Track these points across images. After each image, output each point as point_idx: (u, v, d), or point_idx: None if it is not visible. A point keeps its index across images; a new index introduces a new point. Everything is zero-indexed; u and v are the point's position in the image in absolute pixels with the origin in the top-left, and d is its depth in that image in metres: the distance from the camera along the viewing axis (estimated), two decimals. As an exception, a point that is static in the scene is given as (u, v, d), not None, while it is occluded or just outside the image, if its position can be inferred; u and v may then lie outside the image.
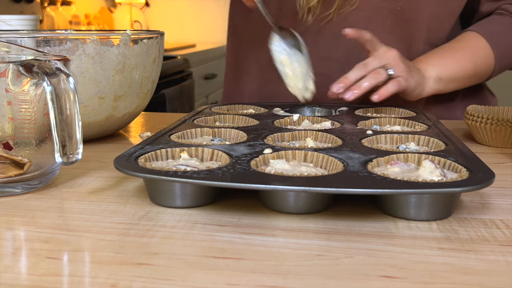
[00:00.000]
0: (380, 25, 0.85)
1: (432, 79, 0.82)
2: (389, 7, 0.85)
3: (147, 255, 0.37)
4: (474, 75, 0.86)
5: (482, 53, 0.85)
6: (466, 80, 0.86)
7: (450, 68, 0.83)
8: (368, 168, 0.45)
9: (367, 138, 0.57)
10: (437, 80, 0.82)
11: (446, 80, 0.83)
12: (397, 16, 0.85)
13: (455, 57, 0.84)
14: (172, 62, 2.10)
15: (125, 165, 0.45)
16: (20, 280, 0.34)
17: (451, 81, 0.84)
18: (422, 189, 0.40)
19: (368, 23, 0.85)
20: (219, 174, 0.43)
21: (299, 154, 0.50)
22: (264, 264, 0.36)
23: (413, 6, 0.85)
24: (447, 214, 0.44)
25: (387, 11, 0.85)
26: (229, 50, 1.05)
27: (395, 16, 0.85)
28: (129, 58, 0.66)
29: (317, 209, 0.45)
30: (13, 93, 0.48)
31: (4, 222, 0.43)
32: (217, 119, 0.68)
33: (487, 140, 0.69)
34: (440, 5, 0.86)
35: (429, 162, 0.46)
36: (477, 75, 0.87)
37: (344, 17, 0.85)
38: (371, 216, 0.44)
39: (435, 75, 0.82)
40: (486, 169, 0.45)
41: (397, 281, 0.34)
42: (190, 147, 0.52)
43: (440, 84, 0.83)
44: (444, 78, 0.82)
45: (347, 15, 0.85)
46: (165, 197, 0.46)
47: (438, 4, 0.86)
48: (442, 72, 0.82)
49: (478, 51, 0.85)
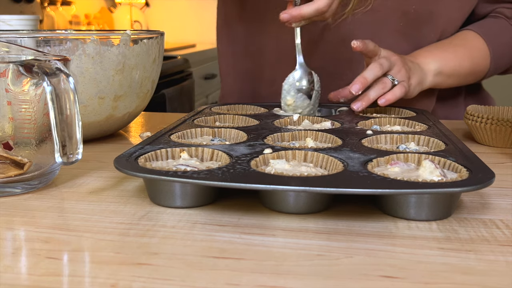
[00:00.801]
0: (392, 26, 0.85)
1: (432, 73, 0.82)
2: (403, 9, 0.85)
3: (147, 255, 0.37)
4: (471, 72, 0.86)
5: (479, 52, 0.85)
6: (463, 77, 0.86)
7: (450, 63, 0.83)
8: (368, 168, 0.46)
9: (367, 138, 0.57)
10: (437, 74, 0.82)
11: (445, 75, 0.83)
12: (410, 18, 0.85)
13: (455, 52, 0.84)
14: (172, 62, 2.10)
15: (125, 165, 0.45)
16: (20, 280, 0.34)
17: (450, 76, 0.84)
18: (422, 189, 0.40)
19: (382, 25, 0.85)
20: (219, 174, 0.43)
21: (299, 154, 0.50)
22: (264, 264, 0.36)
23: (428, 9, 0.85)
24: (447, 214, 0.44)
25: (400, 13, 0.85)
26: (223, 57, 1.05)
27: (407, 18, 0.85)
28: (129, 58, 0.66)
29: (317, 209, 0.45)
30: (13, 93, 0.48)
31: (4, 222, 0.43)
32: (217, 119, 0.68)
33: (487, 140, 0.69)
34: (457, 9, 0.86)
35: (429, 162, 0.46)
36: (474, 73, 0.87)
37: (357, 18, 0.85)
38: (371, 216, 0.44)
39: (435, 69, 0.82)
40: (486, 169, 0.45)
41: (397, 281, 0.34)
42: (190, 147, 0.52)
43: (439, 78, 0.83)
44: (443, 72, 0.82)
45: (361, 16, 0.85)
46: (165, 197, 0.46)
47: (455, 7, 0.86)
48: (442, 65, 0.82)
49: (476, 49, 0.85)
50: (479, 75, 0.88)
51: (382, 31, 0.82)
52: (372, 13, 0.85)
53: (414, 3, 0.85)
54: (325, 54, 0.88)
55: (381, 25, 0.85)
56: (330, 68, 0.86)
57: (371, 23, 0.85)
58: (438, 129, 0.62)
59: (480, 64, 0.86)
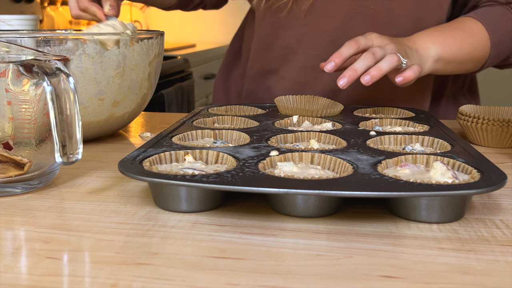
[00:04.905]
0: (356, 30, 0.84)
1: (432, 59, 0.78)
2: (361, 11, 0.84)
3: (147, 255, 0.37)
4: (471, 59, 0.83)
5: (479, 37, 0.82)
6: (463, 63, 0.83)
7: (450, 48, 0.79)
8: (378, 170, 0.45)
9: (371, 139, 0.57)
10: (436, 60, 0.78)
11: (445, 61, 0.80)
12: (371, 18, 0.85)
13: (455, 36, 0.81)
14: (172, 62, 2.10)
15: (131, 169, 0.44)
16: (20, 280, 0.34)
17: (450, 62, 0.81)
18: (437, 191, 0.40)
19: (344, 30, 0.85)
20: (229, 178, 0.42)
21: (305, 156, 0.50)
22: (264, 264, 0.36)
23: (386, 7, 0.84)
24: (460, 215, 0.43)
25: (360, 16, 0.85)
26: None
27: (368, 19, 0.85)
28: (129, 58, 0.66)
29: (329, 212, 0.44)
30: (13, 93, 0.48)
31: (4, 222, 0.43)
32: (215, 121, 0.68)
33: (480, 140, 0.69)
34: (416, 2, 0.85)
35: (440, 164, 0.45)
36: (473, 60, 0.84)
37: (319, 28, 0.86)
38: (371, 216, 0.44)
39: (435, 54, 0.78)
40: (498, 171, 0.45)
41: (397, 281, 0.34)
42: (194, 149, 0.51)
43: (438, 64, 0.79)
44: (444, 58, 0.79)
45: (323, 26, 0.85)
46: (172, 201, 0.45)
47: (414, 2, 0.85)
48: (442, 51, 0.78)
49: (476, 33, 0.82)
50: (479, 61, 0.84)
51: (346, 37, 0.81)
52: (331, 21, 0.85)
53: (372, 3, 0.84)
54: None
55: (343, 31, 0.85)
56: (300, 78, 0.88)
57: (332, 32, 0.86)
58: (440, 129, 0.62)
59: (480, 49, 0.82)
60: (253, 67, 0.95)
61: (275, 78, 0.93)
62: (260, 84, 0.95)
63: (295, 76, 0.90)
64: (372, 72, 0.66)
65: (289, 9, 0.86)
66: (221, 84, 1.06)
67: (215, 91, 1.08)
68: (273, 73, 0.93)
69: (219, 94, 1.06)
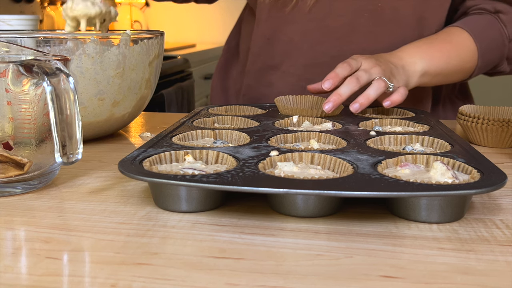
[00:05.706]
0: (363, 28, 0.85)
1: (418, 74, 0.78)
2: (369, 9, 0.84)
3: (147, 255, 0.37)
4: (459, 70, 0.83)
5: (467, 48, 0.82)
6: (450, 75, 0.84)
7: (437, 62, 0.80)
8: (378, 170, 0.45)
9: (371, 139, 0.57)
10: (423, 74, 0.79)
11: (432, 74, 0.80)
12: (378, 17, 0.85)
13: (442, 49, 0.81)
14: (172, 62, 2.10)
15: (131, 169, 0.44)
16: (20, 280, 0.34)
17: (437, 75, 0.81)
18: (437, 191, 0.40)
19: (351, 27, 0.85)
20: (229, 178, 0.42)
21: (305, 156, 0.50)
22: (264, 264, 0.36)
23: (392, 6, 0.84)
24: (459, 216, 0.43)
25: (368, 13, 0.85)
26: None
27: (375, 18, 0.85)
28: (129, 58, 0.66)
29: (329, 212, 0.44)
30: (13, 93, 0.48)
31: (4, 222, 0.43)
32: (215, 120, 0.68)
33: (480, 140, 0.69)
34: (420, 1, 0.85)
35: (440, 164, 0.45)
36: (462, 70, 0.84)
37: (325, 25, 0.85)
38: (371, 216, 0.44)
39: (421, 69, 0.78)
40: (498, 171, 0.45)
41: (397, 281, 0.34)
42: (194, 149, 0.51)
43: (425, 78, 0.80)
44: (430, 72, 0.79)
45: (329, 22, 0.85)
46: (172, 201, 0.45)
47: (419, 1, 0.85)
48: (429, 65, 0.79)
49: (463, 45, 0.82)
50: (468, 71, 0.85)
51: (353, 34, 0.81)
52: (338, 18, 0.85)
53: (380, 1, 0.84)
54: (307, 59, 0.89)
55: (350, 29, 0.85)
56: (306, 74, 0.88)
57: (339, 29, 0.85)
58: (440, 129, 0.62)
59: (468, 59, 0.83)
60: (255, 62, 0.95)
61: (277, 74, 0.92)
62: (261, 79, 0.94)
63: (298, 72, 0.90)
64: (361, 100, 0.69)
65: (294, 4, 0.86)
66: (219, 84, 1.06)
67: (213, 91, 1.07)
68: (275, 68, 0.92)
69: (218, 94, 1.06)
